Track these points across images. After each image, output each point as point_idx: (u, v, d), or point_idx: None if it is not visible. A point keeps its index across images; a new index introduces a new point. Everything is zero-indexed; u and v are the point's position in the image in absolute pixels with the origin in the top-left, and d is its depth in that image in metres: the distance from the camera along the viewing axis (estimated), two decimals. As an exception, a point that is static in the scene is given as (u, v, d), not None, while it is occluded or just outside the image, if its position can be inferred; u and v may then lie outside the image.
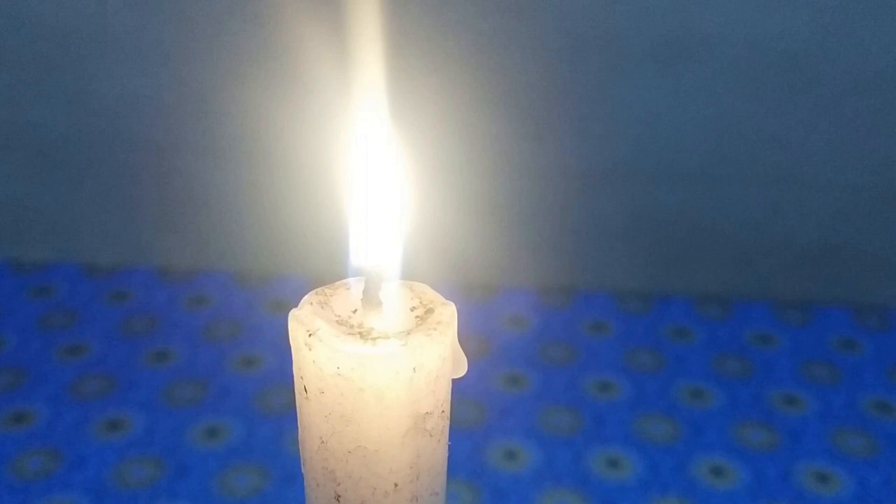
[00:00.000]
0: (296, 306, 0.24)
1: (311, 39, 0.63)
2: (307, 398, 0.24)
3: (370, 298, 0.24)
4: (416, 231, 0.26)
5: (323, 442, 0.24)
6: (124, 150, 0.77)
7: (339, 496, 0.25)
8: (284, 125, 0.70)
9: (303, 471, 0.26)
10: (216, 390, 0.69)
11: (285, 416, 0.66)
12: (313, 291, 0.25)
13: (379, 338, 0.23)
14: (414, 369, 0.23)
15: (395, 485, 0.24)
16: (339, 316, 0.24)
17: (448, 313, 0.24)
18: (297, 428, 0.25)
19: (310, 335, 0.23)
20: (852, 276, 0.79)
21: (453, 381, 0.25)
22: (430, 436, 0.24)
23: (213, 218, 0.80)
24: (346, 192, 0.25)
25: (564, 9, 0.68)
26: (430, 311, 0.24)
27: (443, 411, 0.25)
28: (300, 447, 0.26)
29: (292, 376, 0.24)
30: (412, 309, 0.24)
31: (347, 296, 0.25)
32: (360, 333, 0.23)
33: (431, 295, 0.25)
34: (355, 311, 0.24)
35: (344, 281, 0.25)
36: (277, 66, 0.70)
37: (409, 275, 0.25)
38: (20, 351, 0.73)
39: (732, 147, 0.74)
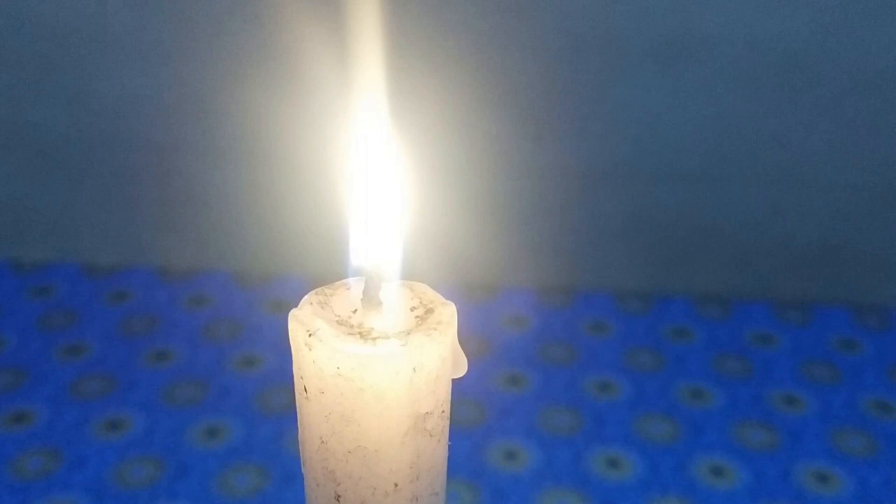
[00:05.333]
0: (296, 306, 0.24)
1: (311, 39, 0.63)
2: (307, 398, 0.24)
3: (370, 298, 0.24)
4: (416, 231, 0.26)
5: (323, 442, 0.24)
6: (124, 150, 0.77)
7: (339, 496, 0.25)
8: (284, 125, 0.70)
9: (303, 471, 0.26)
10: (216, 390, 0.69)
11: (285, 416, 0.66)
12: (313, 291, 0.25)
13: (379, 338, 0.23)
14: (414, 369, 0.23)
15: (396, 485, 0.24)
16: (339, 316, 0.24)
17: (448, 313, 0.24)
18: (297, 428, 0.25)
19: (310, 335, 0.23)
20: (852, 276, 0.79)
21: (453, 381, 0.25)
22: (430, 436, 0.24)
23: (213, 218, 0.80)
24: (346, 192, 0.25)
25: (564, 9, 0.68)
26: (430, 311, 0.24)
27: (443, 411, 0.25)
28: (300, 447, 0.26)
29: (292, 376, 0.24)
30: (412, 309, 0.24)
31: (347, 296, 0.25)
32: (360, 333, 0.23)
33: (431, 295, 0.25)
34: (355, 311, 0.24)
35: (344, 281, 0.25)
36: (277, 66, 0.70)
37: (409, 275, 0.25)
38: (20, 351, 0.73)
39: (732, 147, 0.74)
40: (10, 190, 0.80)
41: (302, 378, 0.24)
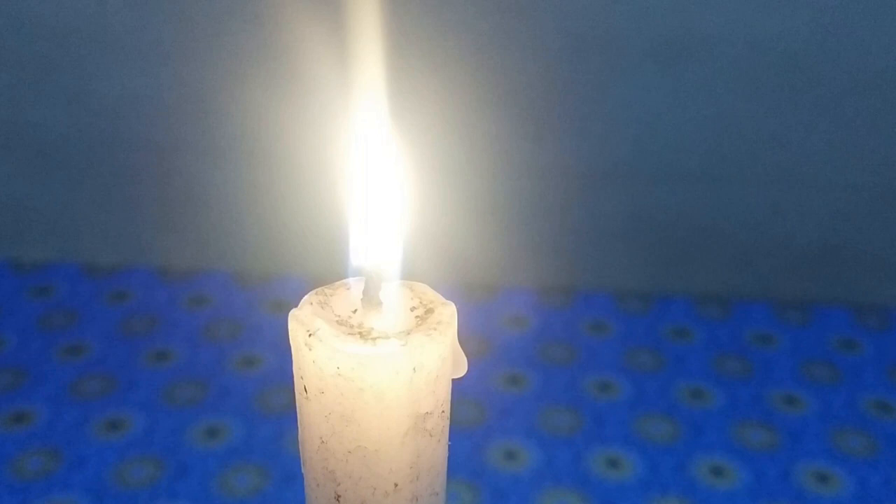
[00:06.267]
0: (296, 306, 0.24)
1: (311, 39, 0.63)
2: (307, 398, 0.24)
3: (370, 298, 0.24)
4: (416, 231, 0.26)
5: (323, 442, 0.24)
6: (124, 150, 0.77)
7: (339, 496, 0.25)
8: (284, 125, 0.70)
9: (303, 471, 0.26)
10: (216, 390, 0.69)
11: (285, 416, 0.66)
12: (313, 291, 0.25)
13: (379, 338, 0.23)
14: (414, 369, 0.23)
15: (395, 485, 0.24)
16: (339, 316, 0.24)
17: (448, 313, 0.24)
18: (297, 428, 0.25)
19: (310, 335, 0.23)
20: (852, 276, 0.79)
21: (453, 381, 0.25)
22: (430, 436, 0.24)
23: (213, 218, 0.80)
24: (346, 192, 0.25)
25: (564, 9, 0.68)
26: (430, 311, 0.24)
27: (443, 411, 0.25)
28: (300, 447, 0.26)
29: (292, 376, 0.24)
30: (412, 309, 0.24)
31: (347, 296, 0.25)
32: (360, 333, 0.23)
33: (431, 295, 0.25)
34: (355, 311, 0.24)
35: (344, 281, 0.25)
36: (277, 66, 0.70)
37: (409, 275, 0.25)
38: (20, 351, 0.73)
39: (732, 147, 0.74)
40: (10, 190, 0.80)
41: (302, 378, 0.24)
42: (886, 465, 0.63)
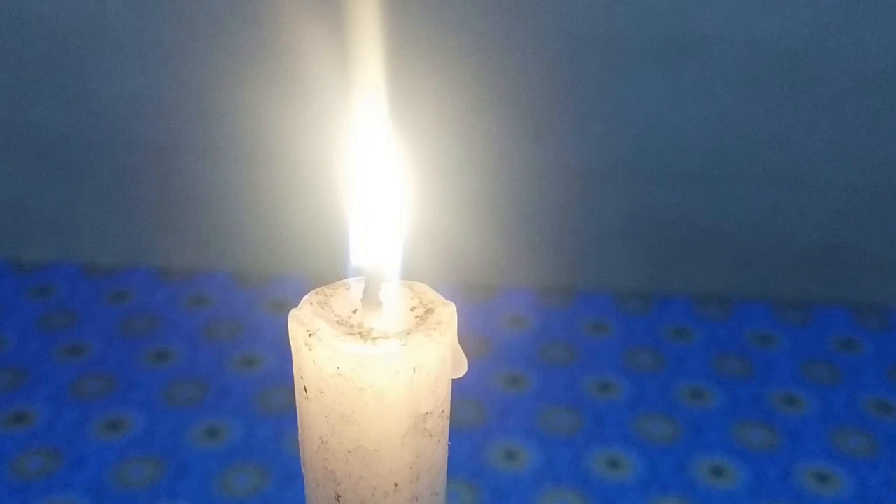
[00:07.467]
0: (296, 306, 0.24)
1: (311, 39, 0.63)
2: (307, 398, 0.24)
3: (370, 298, 0.24)
4: (416, 231, 0.26)
5: (323, 442, 0.24)
6: (124, 150, 0.77)
7: (339, 496, 0.25)
8: (284, 125, 0.70)
9: (303, 471, 0.26)
10: (216, 390, 0.69)
11: (285, 416, 0.66)
12: (313, 291, 0.25)
13: (379, 338, 0.23)
14: (414, 369, 0.23)
15: (395, 485, 0.24)
16: (339, 316, 0.24)
17: (448, 313, 0.24)
18: (297, 428, 0.25)
19: (310, 335, 0.23)
20: (852, 276, 0.79)
21: (453, 381, 0.25)
22: (430, 436, 0.24)
23: (213, 218, 0.80)
24: (346, 192, 0.25)
25: (564, 9, 0.68)
26: (430, 311, 0.24)
27: (443, 411, 0.25)
28: (300, 447, 0.26)
29: (292, 376, 0.24)
30: (412, 309, 0.24)
31: (347, 296, 0.25)
32: (360, 333, 0.23)
33: (431, 295, 0.25)
34: (355, 311, 0.24)
35: (344, 281, 0.25)
36: (277, 66, 0.70)
37: (409, 275, 0.25)
38: (20, 351, 0.73)
39: (732, 147, 0.74)
40: (10, 190, 0.80)
41: (302, 378, 0.24)
42: (886, 465, 0.63)
